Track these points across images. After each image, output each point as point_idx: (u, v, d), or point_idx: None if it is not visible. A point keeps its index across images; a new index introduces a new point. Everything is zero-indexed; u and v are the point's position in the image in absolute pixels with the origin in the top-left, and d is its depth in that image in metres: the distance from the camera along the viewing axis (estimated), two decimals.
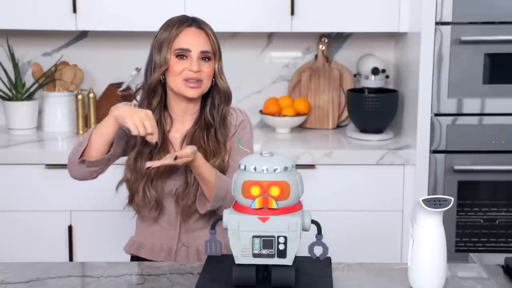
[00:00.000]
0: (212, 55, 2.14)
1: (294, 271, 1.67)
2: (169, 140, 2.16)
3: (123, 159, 2.18)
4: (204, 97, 2.19)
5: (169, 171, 2.13)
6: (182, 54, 2.11)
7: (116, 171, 2.20)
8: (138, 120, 1.97)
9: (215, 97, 2.18)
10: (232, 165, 2.17)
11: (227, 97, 2.19)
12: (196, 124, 2.17)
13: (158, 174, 2.12)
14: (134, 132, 1.97)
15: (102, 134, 2.04)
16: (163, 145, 2.13)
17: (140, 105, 2.16)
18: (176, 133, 2.18)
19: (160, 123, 2.14)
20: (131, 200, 2.16)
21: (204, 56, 2.12)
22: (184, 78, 2.10)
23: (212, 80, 2.17)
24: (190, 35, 2.12)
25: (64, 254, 3.03)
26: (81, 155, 2.04)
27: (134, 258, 2.22)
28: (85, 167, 2.06)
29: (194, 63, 2.10)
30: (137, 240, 2.22)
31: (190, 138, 2.15)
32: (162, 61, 2.11)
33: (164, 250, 2.17)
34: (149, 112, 2.01)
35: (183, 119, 2.18)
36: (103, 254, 2.83)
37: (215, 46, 2.15)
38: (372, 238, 3.03)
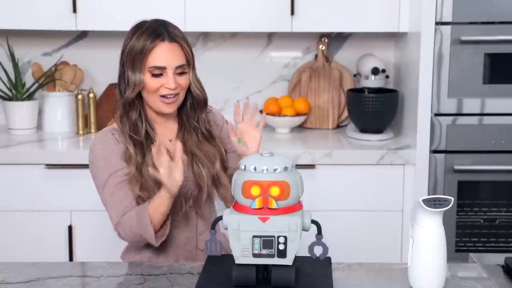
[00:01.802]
0: (187, 66, 2.11)
1: (294, 271, 1.67)
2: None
3: None
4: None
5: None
6: (157, 71, 2.05)
7: None
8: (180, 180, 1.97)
9: (192, 104, 2.16)
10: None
11: (202, 103, 2.16)
12: (182, 128, 2.17)
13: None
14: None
15: (166, 212, 2.01)
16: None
17: (120, 120, 2.12)
18: (165, 139, 2.14)
19: (149, 131, 2.11)
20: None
21: (180, 71, 2.08)
22: (160, 94, 2.07)
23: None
24: (164, 51, 2.05)
25: (64, 254, 3.03)
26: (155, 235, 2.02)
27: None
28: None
29: (170, 80, 2.05)
30: (153, 257, 2.15)
31: (182, 142, 2.11)
32: (137, 80, 2.05)
33: (184, 251, 2.15)
34: (179, 176, 1.96)
35: (165, 126, 2.18)
36: (103, 254, 2.83)
37: (190, 56, 2.11)
38: (372, 238, 3.03)
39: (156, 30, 2.07)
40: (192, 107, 2.16)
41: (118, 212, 2.06)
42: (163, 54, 2.05)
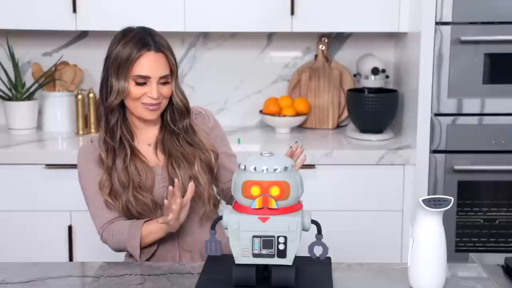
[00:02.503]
0: (171, 77, 2.12)
1: (294, 271, 1.67)
2: (138, 150, 2.15)
3: None
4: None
5: (152, 179, 2.12)
6: (141, 80, 2.07)
7: None
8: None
9: (173, 112, 2.16)
10: (230, 153, 2.24)
11: (183, 111, 2.16)
12: (163, 130, 2.17)
13: (142, 184, 2.10)
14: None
15: (157, 238, 2.10)
16: (132, 156, 2.12)
17: (99, 124, 2.16)
18: (145, 143, 2.17)
19: (123, 136, 2.12)
20: (131, 215, 2.13)
21: (164, 81, 2.10)
22: (143, 102, 2.09)
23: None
24: (149, 60, 2.06)
25: (64, 254, 3.03)
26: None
27: None
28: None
29: (154, 90, 2.07)
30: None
31: (162, 145, 2.15)
32: (121, 88, 2.06)
33: (167, 260, 2.15)
34: (184, 217, 2.04)
35: (146, 130, 2.18)
36: (103, 254, 2.83)
37: (174, 66, 2.12)
38: (372, 238, 3.03)
39: (143, 39, 2.08)
40: (174, 115, 2.17)
41: (102, 218, 2.14)
42: (148, 64, 2.07)
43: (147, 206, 2.11)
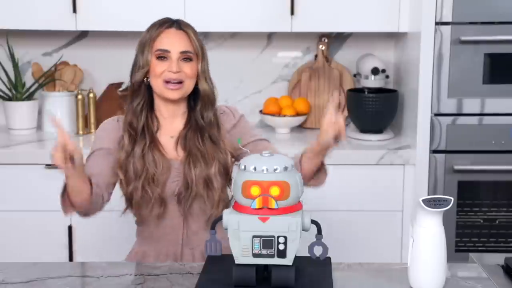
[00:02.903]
0: (194, 55, 2.13)
1: (294, 271, 1.67)
2: (159, 141, 2.16)
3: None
4: (191, 98, 2.19)
5: (167, 172, 2.12)
6: (162, 55, 2.11)
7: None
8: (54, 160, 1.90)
9: (198, 100, 2.17)
10: (262, 138, 2.22)
11: (208, 100, 2.17)
12: (187, 125, 2.18)
13: (156, 176, 2.11)
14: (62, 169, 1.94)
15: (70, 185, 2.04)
16: (152, 146, 2.13)
17: (126, 108, 2.18)
18: (168, 135, 2.18)
19: (147, 125, 2.14)
20: (130, 203, 2.15)
21: (185, 57, 2.12)
22: (164, 79, 2.11)
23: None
24: (170, 36, 2.13)
25: (64, 254, 3.03)
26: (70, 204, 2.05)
27: None
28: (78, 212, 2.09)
29: (173, 63, 2.10)
30: (140, 249, 2.20)
31: (184, 140, 2.15)
32: (143, 63, 2.12)
33: (170, 256, 2.16)
34: (53, 149, 1.89)
35: (172, 121, 2.19)
36: (103, 254, 2.83)
37: (197, 46, 2.14)
38: (372, 238, 3.03)
39: (166, 19, 2.18)
40: (200, 104, 2.17)
41: None
42: (168, 39, 2.12)
43: (150, 199, 2.10)
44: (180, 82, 2.11)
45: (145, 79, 2.14)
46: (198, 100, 2.17)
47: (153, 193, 2.10)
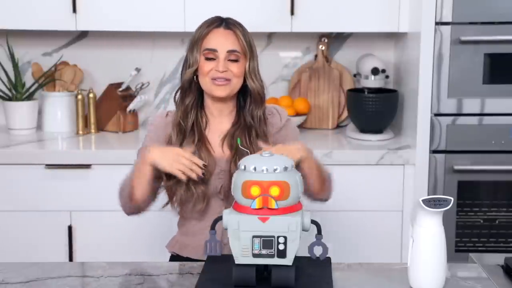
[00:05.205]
0: (242, 55, 2.16)
1: (294, 271, 1.67)
2: (207, 140, 2.18)
3: None
4: (240, 97, 2.21)
5: (212, 169, 2.13)
6: (209, 54, 2.14)
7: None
8: (180, 166, 2.03)
9: (247, 98, 2.20)
10: None
11: (257, 98, 2.19)
12: (236, 124, 2.20)
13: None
14: (183, 177, 2.04)
15: (142, 181, 2.08)
16: (200, 144, 2.15)
17: (177, 105, 2.21)
18: (216, 133, 2.20)
19: (196, 122, 2.18)
20: (171, 198, 2.16)
21: (232, 57, 2.14)
22: (212, 77, 2.14)
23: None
24: (218, 35, 2.16)
25: (64, 254, 3.03)
26: (131, 200, 2.10)
27: (175, 257, 2.22)
28: (136, 208, 2.14)
29: (220, 63, 2.13)
30: (180, 239, 2.23)
31: (231, 138, 2.17)
32: (193, 61, 2.16)
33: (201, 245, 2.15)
34: (179, 150, 2.06)
35: (220, 120, 2.21)
36: (103, 254, 2.83)
37: (244, 46, 2.17)
38: (372, 238, 3.03)
39: (216, 18, 2.21)
40: (249, 102, 2.19)
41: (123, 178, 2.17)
42: (216, 38, 2.16)
43: (193, 195, 2.11)
44: (227, 80, 2.14)
45: (194, 77, 2.17)
46: (248, 98, 2.19)
47: (196, 189, 2.11)
